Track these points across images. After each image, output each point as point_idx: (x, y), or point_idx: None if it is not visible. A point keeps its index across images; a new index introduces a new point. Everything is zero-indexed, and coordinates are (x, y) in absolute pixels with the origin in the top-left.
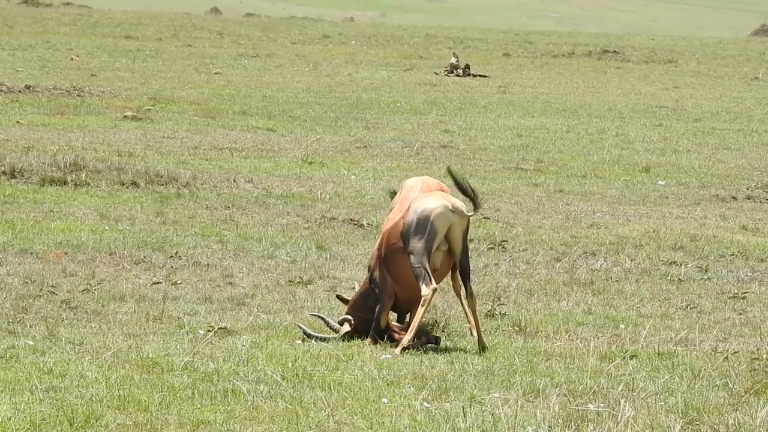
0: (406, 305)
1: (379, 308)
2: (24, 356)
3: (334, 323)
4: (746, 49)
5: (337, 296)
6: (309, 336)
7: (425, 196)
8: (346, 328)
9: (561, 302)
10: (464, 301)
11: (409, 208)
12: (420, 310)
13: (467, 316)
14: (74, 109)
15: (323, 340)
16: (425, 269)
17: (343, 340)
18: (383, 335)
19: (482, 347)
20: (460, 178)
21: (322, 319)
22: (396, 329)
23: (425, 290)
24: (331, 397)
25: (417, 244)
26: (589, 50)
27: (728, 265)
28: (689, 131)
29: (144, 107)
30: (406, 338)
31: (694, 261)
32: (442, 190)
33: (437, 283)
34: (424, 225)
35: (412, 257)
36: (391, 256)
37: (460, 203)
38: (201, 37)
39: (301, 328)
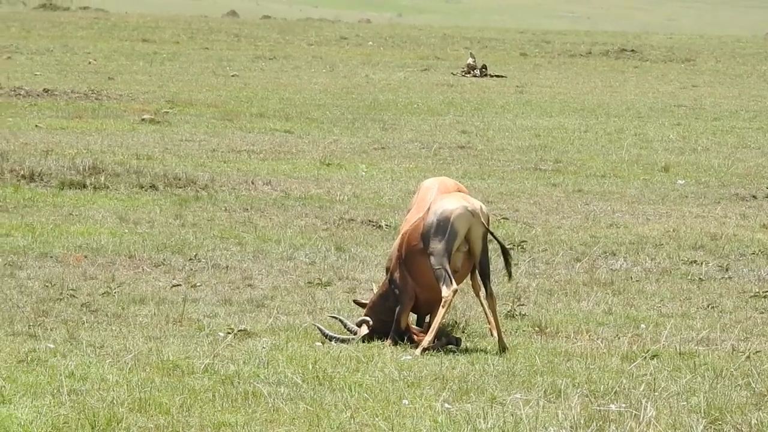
0: (426, 306)
1: (400, 309)
2: (45, 359)
3: (352, 325)
4: (765, 47)
5: (354, 301)
6: (328, 337)
7: (445, 198)
8: (364, 330)
9: (581, 302)
10: (484, 302)
11: (429, 209)
12: (440, 311)
13: (487, 317)
14: (92, 112)
15: (343, 341)
16: (446, 270)
17: (363, 342)
18: (403, 336)
19: (503, 348)
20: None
21: (340, 321)
22: (415, 332)
23: (446, 291)
24: (352, 399)
25: (437, 245)
26: (606, 49)
27: (749, 264)
28: (708, 130)
29: (162, 110)
30: (427, 339)
31: (714, 260)
32: (460, 191)
33: (458, 284)
34: (444, 226)
35: (432, 258)
36: (412, 258)
37: (480, 204)
38: (218, 40)
39: (319, 328)
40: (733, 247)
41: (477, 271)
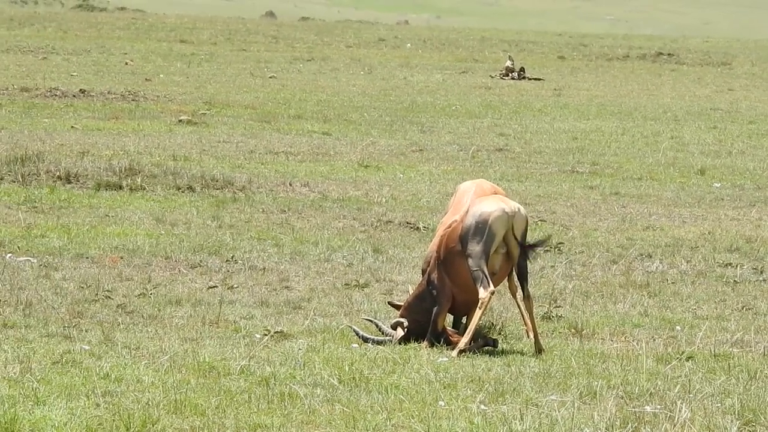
0: (463, 308)
1: (437, 310)
2: (80, 361)
3: (387, 328)
4: None
5: (389, 303)
6: (363, 339)
7: (483, 200)
8: (400, 332)
9: (617, 304)
10: (521, 304)
11: (467, 211)
12: (477, 313)
13: (524, 319)
14: (129, 113)
15: (379, 342)
16: (483, 272)
17: (399, 344)
18: (440, 338)
19: (539, 349)
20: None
21: (375, 324)
22: (451, 333)
23: (483, 293)
24: (388, 401)
25: (475, 247)
26: (643, 53)
27: None
28: (744, 133)
29: (199, 111)
30: (463, 341)
31: (749, 263)
32: (496, 193)
33: (495, 286)
34: (482, 228)
35: (470, 260)
36: (451, 259)
37: (518, 206)
38: (256, 41)
39: (354, 330)
40: (767, 250)
41: (515, 273)
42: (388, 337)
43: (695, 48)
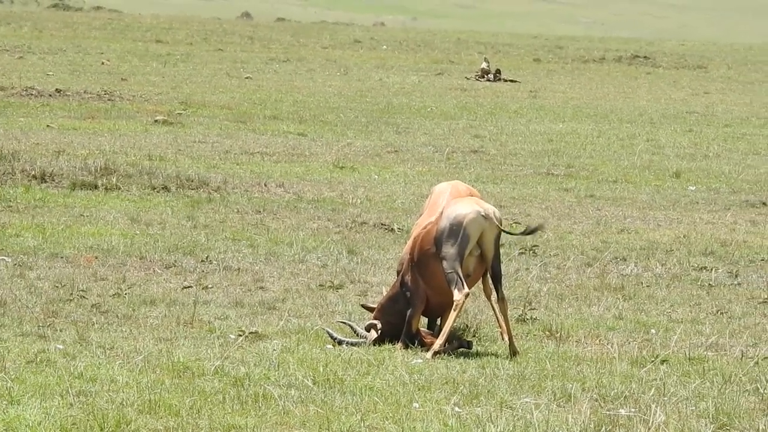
0: (437, 310)
1: (411, 312)
2: (54, 360)
3: (361, 330)
4: None
5: (362, 305)
6: (337, 341)
7: (458, 202)
8: (374, 334)
9: (592, 307)
10: (495, 306)
11: (442, 213)
12: (452, 315)
13: (498, 321)
14: (105, 113)
15: (354, 344)
16: (458, 274)
17: (373, 346)
18: (414, 340)
19: (513, 352)
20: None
21: (349, 325)
22: (425, 334)
23: (458, 295)
24: (363, 402)
25: (450, 249)
26: (619, 55)
27: (758, 270)
28: (719, 137)
29: (175, 111)
30: (438, 342)
31: (724, 266)
32: (472, 195)
33: (469, 288)
34: (456, 231)
35: (444, 263)
36: (425, 261)
37: (493, 208)
38: (232, 42)
39: (328, 332)
40: (742, 254)
41: (489, 275)
42: (362, 339)
43: (671, 51)
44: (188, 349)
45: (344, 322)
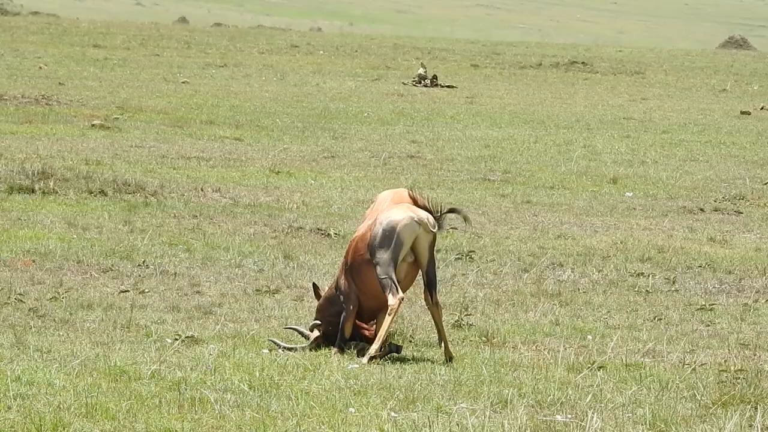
0: (370, 314)
1: (344, 316)
2: None
3: (306, 331)
4: (714, 61)
5: (313, 284)
6: (287, 349)
7: (392, 208)
8: (316, 333)
9: (528, 313)
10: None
11: (376, 219)
12: (387, 320)
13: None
14: (42, 117)
15: (291, 349)
16: (392, 280)
17: (315, 347)
18: (348, 344)
19: (449, 357)
20: (421, 200)
21: (296, 330)
22: (366, 327)
23: (392, 300)
24: (299, 407)
25: (383, 255)
26: (556, 61)
27: (696, 276)
28: (657, 143)
29: (112, 116)
30: (373, 348)
31: (661, 272)
32: (416, 203)
33: (403, 293)
34: (390, 236)
35: (378, 268)
36: (358, 267)
37: (427, 215)
38: (169, 47)
39: (275, 342)
40: (680, 260)
41: (424, 281)
42: (303, 342)
43: (608, 57)
44: (125, 353)
45: (292, 328)
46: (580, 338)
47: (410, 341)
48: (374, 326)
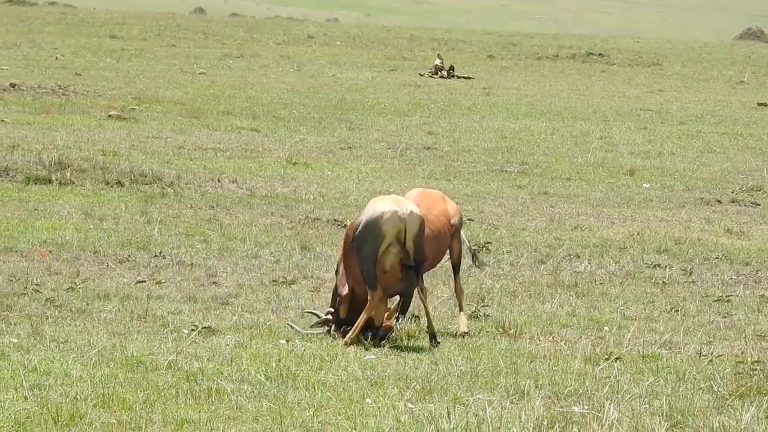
0: (364, 301)
1: (339, 301)
2: (8, 354)
3: (323, 315)
4: (731, 53)
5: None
6: (296, 331)
7: (378, 200)
8: (329, 318)
9: (545, 304)
10: (420, 295)
11: (364, 210)
12: (364, 314)
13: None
14: (59, 108)
15: (311, 332)
16: (371, 272)
17: (336, 332)
18: (340, 326)
19: (431, 334)
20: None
21: (314, 314)
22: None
23: (371, 294)
24: (315, 398)
25: (364, 246)
26: (573, 53)
27: (713, 268)
28: (674, 134)
29: (128, 107)
30: (349, 336)
31: (678, 264)
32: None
33: (391, 282)
34: (371, 228)
35: (359, 258)
36: (348, 255)
37: (412, 208)
38: (185, 38)
39: (291, 326)
40: (696, 251)
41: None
42: (327, 325)
43: (626, 48)
44: (142, 344)
45: (310, 312)
46: (596, 329)
47: (425, 332)
48: (390, 318)
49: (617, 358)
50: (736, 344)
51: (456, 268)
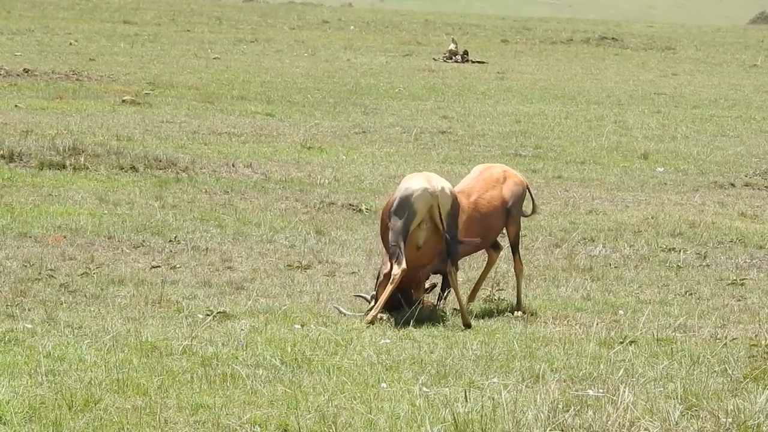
0: (405, 280)
1: (380, 281)
2: (23, 340)
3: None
4: (745, 37)
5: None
6: (343, 314)
7: (412, 177)
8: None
9: (560, 288)
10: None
11: (398, 186)
12: (388, 288)
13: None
14: (73, 93)
15: (357, 316)
16: (399, 248)
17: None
18: (392, 307)
19: (465, 325)
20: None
21: (363, 297)
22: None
23: (395, 269)
24: (330, 382)
25: (396, 222)
26: (587, 37)
27: (727, 251)
28: (687, 118)
29: (142, 92)
30: (372, 314)
31: (692, 247)
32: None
33: (428, 261)
34: (404, 205)
35: (390, 234)
36: (385, 232)
37: (444, 183)
38: (200, 22)
39: (338, 309)
40: (711, 235)
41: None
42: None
43: (639, 32)
44: (156, 329)
45: (359, 295)
46: (611, 313)
47: (442, 315)
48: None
49: (632, 342)
50: (750, 327)
51: (514, 248)
